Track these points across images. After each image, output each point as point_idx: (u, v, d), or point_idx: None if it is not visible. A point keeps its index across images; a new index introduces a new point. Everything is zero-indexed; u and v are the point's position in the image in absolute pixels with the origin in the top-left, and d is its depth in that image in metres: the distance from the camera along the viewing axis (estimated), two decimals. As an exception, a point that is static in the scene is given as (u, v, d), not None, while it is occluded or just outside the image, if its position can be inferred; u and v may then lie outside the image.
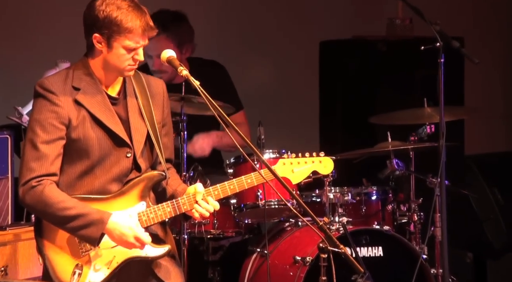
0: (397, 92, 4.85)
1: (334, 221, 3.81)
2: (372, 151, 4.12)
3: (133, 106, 2.82)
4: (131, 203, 2.79)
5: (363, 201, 4.03)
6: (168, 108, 2.90)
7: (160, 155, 2.81)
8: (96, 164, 2.78)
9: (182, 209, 2.80)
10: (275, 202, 3.78)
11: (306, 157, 3.01)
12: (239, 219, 3.95)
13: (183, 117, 3.87)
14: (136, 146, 2.79)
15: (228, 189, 2.85)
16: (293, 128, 5.15)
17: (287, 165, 3.00)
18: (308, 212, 2.62)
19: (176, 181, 2.89)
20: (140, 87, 2.92)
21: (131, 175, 2.80)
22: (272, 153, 3.83)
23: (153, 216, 2.78)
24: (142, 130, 2.81)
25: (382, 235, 3.76)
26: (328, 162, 3.00)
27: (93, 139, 2.78)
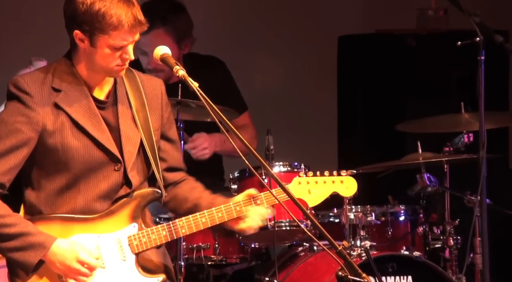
0: (429, 95, 4.82)
1: (355, 246, 3.81)
2: (399, 163, 4.10)
3: (124, 111, 2.81)
4: (121, 224, 2.79)
5: (389, 222, 4.02)
6: (168, 111, 2.89)
7: (155, 169, 2.81)
8: (78, 178, 2.77)
9: (180, 232, 2.79)
10: (286, 223, 3.78)
11: (325, 176, 2.99)
12: (245, 243, 3.96)
13: (180, 124, 3.86)
14: (127, 157, 2.78)
15: (233, 211, 2.84)
16: (307, 137, 5.15)
17: (303, 184, 2.98)
18: (325, 235, 2.61)
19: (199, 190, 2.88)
20: (134, 88, 2.89)
21: (121, 191, 2.80)
22: (283, 166, 3.81)
23: (146, 240, 2.78)
24: (134, 139, 2.80)
25: (411, 262, 3.76)
26: (351, 182, 2.99)
27: (73, 149, 2.77)
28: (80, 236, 2.76)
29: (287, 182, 3.62)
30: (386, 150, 4.68)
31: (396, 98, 4.88)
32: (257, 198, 2.85)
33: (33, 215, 2.81)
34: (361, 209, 3.94)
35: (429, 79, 4.86)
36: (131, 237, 2.78)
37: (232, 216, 2.82)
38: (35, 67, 3.63)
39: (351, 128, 5.03)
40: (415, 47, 4.87)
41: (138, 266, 2.81)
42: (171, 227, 2.79)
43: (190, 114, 3.94)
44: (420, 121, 4.19)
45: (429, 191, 4.00)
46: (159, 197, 2.82)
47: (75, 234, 2.77)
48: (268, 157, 3.80)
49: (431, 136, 4.15)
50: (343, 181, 2.95)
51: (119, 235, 2.79)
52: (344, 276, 2.59)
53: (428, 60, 4.86)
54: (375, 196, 4.10)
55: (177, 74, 2.74)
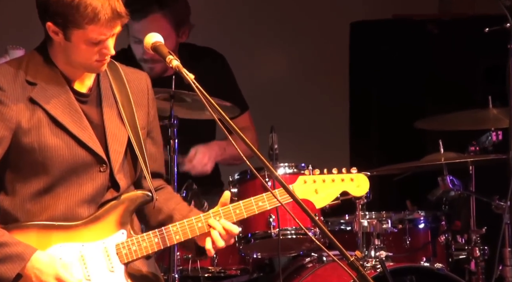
0: (453, 88, 4.79)
1: (369, 256, 3.81)
2: (419, 164, 4.08)
3: (109, 106, 2.80)
4: (107, 231, 2.78)
5: (407, 230, 4.01)
6: (155, 109, 2.90)
7: (144, 169, 2.79)
8: (58, 181, 2.75)
9: (174, 239, 2.78)
10: (292, 231, 3.77)
11: (333, 173, 2.98)
12: (246, 253, 3.95)
13: (173, 121, 3.82)
14: (114, 157, 2.77)
15: (233, 213, 2.82)
16: (315, 136, 5.14)
17: (309, 183, 2.95)
18: (335, 244, 2.58)
19: (175, 201, 2.88)
20: (118, 81, 2.87)
21: (107, 195, 2.79)
22: (288, 167, 3.80)
23: (136, 248, 2.77)
24: (121, 137, 2.80)
25: (433, 275, 3.76)
26: (362, 180, 2.97)
27: (52, 149, 2.76)
28: (62, 246, 2.75)
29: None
30: (403, 150, 4.67)
31: (415, 92, 4.88)
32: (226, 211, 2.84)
33: (7, 223, 2.78)
34: (376, 216, 3.91)
35: (452, 70, 4.83)
36: (120, 245, 2.77)
37: (232, 220, 2.82)
38: (11, 57, 3.61)
39: (365, 126, 5.02)
40: (437, 34, 4.86)
41: (128, 277, 2.79)
42: (164, 234, 2.77)
43: (185, 110, 3.92)
44: (442, 117, 4.18)
45: (452, 195, 3.98)
46: (150, 201, 2.80)
47: (55, 243, 2.76)
48: (272, 157, 3.79)
49: (454, 134, 4.14)
50: (354, 179, 2.92)
51: (105, 243, 2.77)
52: None
53: (451, 48, 4.84)
54: (392, 201, 4.14)
55: (171, 65, 2.71)
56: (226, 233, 2.79)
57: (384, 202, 3.93)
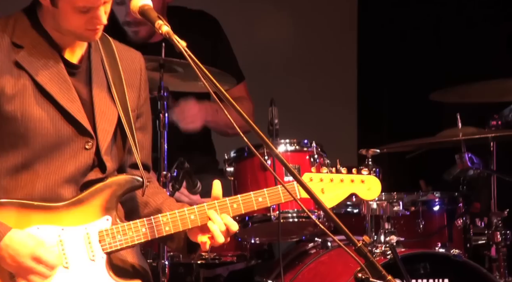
0: (472, 55, 4.76)
1: (378, 241, 3.80)
2: (433, 141, 4.05)
3: (99, 82, 2.80)
4: (91, 216, 2.77)
5: (420, 213, 3.98)
6: (147, 92, 2.90)
7: (136, 153, 2.79)
8: (38, 156, 2.76)
9: (163, 230, 2.77)
10: (293, 214, 3.75)
11: (342, 173, 2.98)
12: (243, 238, 3.93)
13: (164, 93, 3.79)
14: (102, 136, 2.77)
15: (229, 208, 2.81)
16: (320, 109, 5.13)
17: (315, 181, 2.95)
18: (341, 228, 2.58)
19: (163, 196, 2.88)
20: (110, 58, 2.86)
21: (91, 175, 2.78)
22: (289, 144, 3.78)
23: (121, 237, 2.76)
24: (110, 115, 2.79)
25: (449, 262, 3.72)
26: (374, 182, 2.99)
27: (35, 120, 2.74)
28: (40, 228, 2.73)
29: (295, 163, 3.57)
30: (417, 125, 4.65)
31: (430, 59, 4.84)
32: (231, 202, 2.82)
33: (-21, 199, 2.76)
34: (386, 197, 3.89)
35: (472, 35, 4.80)
36: (103, 232, 2.76)
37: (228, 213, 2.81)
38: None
39: (375, 97, 5.01)
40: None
41: (109, 268, 2.77)
42: (153, 223, 2.77)
43: (175, 81, 3.90)
44: (461, 88, 4.15)
45: (470, 174, 3.96)
46: (139, 186, 2.79)
47: (34, 224, 2.74)
48: (272, 133, 3.77)
49: (473, 107, 4.11)
50: (365, 181, 2.94)
51: (88, 229, 2.76)
52: (365, 278, 2.55)
53: (471, 11, 4.81)
54: (404, 181, 4.09)
55: (160, 31, 2.70)
56: (226, 229, 2.78)
57: (395, 182, 3.88)
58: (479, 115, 4.02)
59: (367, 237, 2.65)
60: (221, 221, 2.76)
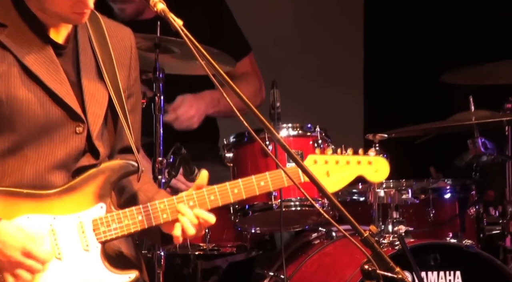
0: (485, 34, 4.74)
1: (386, 231, 3.78)
2: (444, 125, 4.04)
3: (87, 62, 2.78)
4: (84, 204, 2.76)
5: (431, 201, 3.98)
6: (137, 72, 2.88)
7: (130, 136, 2.77)
8: (26, 140, 2.71)
9: (161, 218, 2.76)
10: (296, 202, 3.73)
11: (348, 154, 2.96)
12: (243, 227, 3.92)
13: (159, 74, 3.77)
14: (92, 120, 2.75)
15: (230, 193, 2.81)
16: (324, 92, 5.11)
17: (320, 164, 2.92)
18: (347, 218, 2.55)
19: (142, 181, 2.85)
20: (99, 35, 2.83)
21: (83, 161, 2.76)
22: (292, 128, 3.77)
23: (116, 226, 2.75)
24: (101, 98, 2.78)
25: (461, 253, 3.71)
26: (382, 164, 2.96)
27: (21, 102, 2.69)
28: (31, 217, 2.71)
29: (297, 149, 3.54)
30: (427, 108, 4.64)
31: (440, 39, 4.83)
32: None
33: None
34: (394, 184, 3.89)
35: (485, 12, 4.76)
36: (97, 221, 2.75)
37: (229, 200, 2.79)
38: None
39: (382, 79, 4.99)
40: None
41: (104, 258, 2.76)
42: (149, 211, 2.75)
43: (172, 62, 3.86)
44: (473, 70, 4.13)
45: (484, 160, 3.95)
46: (135, 171, 2.77)
47: (22, 214, 2.72)
48: (273, 116, 3.76)
49: (487, 89, 4.10)
50: (372, 162, 2.92)
51: (81, 217, 2.75)
52: (372, 270, 2.52)
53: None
54: (413, 168, 4.13)
55: (155, 9, 2.66)
56: (198, 223, 2.76)
57: (404, 169, 3.85)
58: (493, 98, 4.00)
59: (374, 227, 2.62)
60: (191, 214, 2.75)
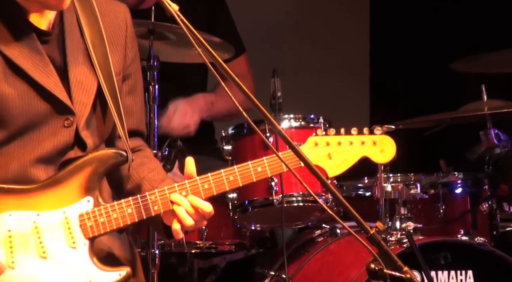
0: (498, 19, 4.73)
1: (393, 228, 3.79)
2: (455, 115, 4.03)
3: (75, 46, 2.75)
4: (70, 198, 2.74)
5: (441, 197, 3.99)
6: (134, 50, 2.85)
7: (118, 124, 2.75)
8: (13, 136, 2.71)
9: (152, 210, 2.74)
10: (298, 198, 3.73)
11: (352, 134, 2.90)
12: (242, 224, 3.93)
13: (154, 62, 3.78)
14: (79, 110, 2.73)
15: (225, 181, 2.77)
16: (328, 81, 5.11)
17: (321, 146, 2.87)
18: (352, 214, 2.52)
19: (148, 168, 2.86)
20: (88, 14, 2.79)
21: (70, 154, 2.75)
22: (294, 119, 3.77)
23: (104, 220, 2.73)
24: (89, 85, 2.76)
25: (473, 251, 3.70)
26: (388, 143, 2.90)
27: (7, 99, 2.68)
28: (13, 214, 2.69)
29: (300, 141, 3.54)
30: (437, 97, 4.64)
31: (451, 24, 4.82)
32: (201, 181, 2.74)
33: None
34: (402, 178, 3.90)
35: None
36: (84, 216, 2.73)
37: (224, 188, 2.76)
38: None
39: (389, 67, 4.98)
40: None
41: (93, 255, 2.74)
42: (140, 203, 2.73)
43: (167, 50, 3.86)
44: (486, 57, 4.12)
45: (497, 153, 3.93)
46: (124, 162, 2.75)
47: (5, 211, 2.70)
48: (274, 107, 3.76)
49: (500, 78, 4.10)
50: (377, 142, 2.87)
51: (67, 212, 2.72)
52: (378, 269, 2.50)
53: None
54: (422, 161, 4.17)
55: None
56: (195, 212, 2.73)
57: (413, 162, 3.91)
58: (507, 87, 4.02)
59: (381, 224, 2.60)
60: (187, 203, 2.72)
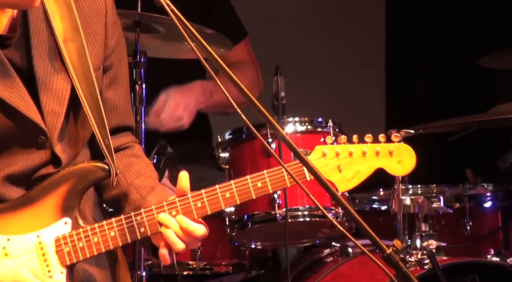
0: None
1: (413, 247, 3.76)
2: (483, 119, 3.99)
3: (42, 46, 2.70)
4: (44, 220, 2.73)
5: (467, 211, 3.97)
6: (116, 37, 2.82)
7: (98, 134, 2.72)
8: None
9: (138, 233, 2.73)
10: (304, 212, 3.72)
11: (366, 142, 2.86)
12: (240, 242, 3.90)
13: (141, 58, 3.76)
14: (50, 122, 2.71)
15: (221, 198, 2.75)
16: (337, 80, 5.09)
17: (330, 156, 2.82)
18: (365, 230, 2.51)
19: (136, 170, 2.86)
20: (60, 5, 2.73)
21: (42, 171, 2.72)
22: (300, 123, 3.75)
23: (83, 245, 2.71)
24: (61, 90, 2.72)
25: (504, 274, 3.73)
26: (406, 153, 2.85)
27: None
28: None
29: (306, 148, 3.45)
30: (462, 98, 4.61)
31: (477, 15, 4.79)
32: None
33: None
34: (423, 190, 3.91)
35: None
36: (61, 240, 2.70)
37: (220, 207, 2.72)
38: None
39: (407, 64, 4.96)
40: None
41: None
42: (124, 225, 2.71)
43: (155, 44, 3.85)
44: None
45: None
46: (107, 177, 2.73)
47: None
48: (277, 108, 3.73)
49: None
50: (394, 151, 2.83)
51: (41, 236, 2.70)
52: None
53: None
54: (445, 170, 4.13)
55: None
56: (185, 235, 2.68)
57: (435, 171, 3.93)
58: None
59: (399, 242, 2.58)
60: (176, 225, 2.67)
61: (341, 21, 5.18)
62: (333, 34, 5.17)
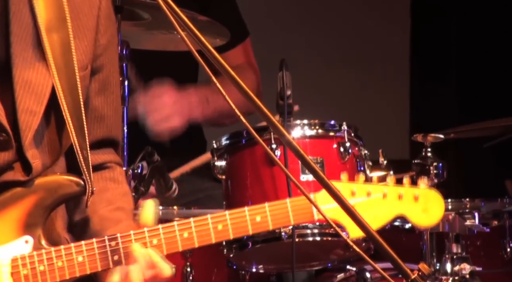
0: None
1: (443, 272, 3.79)
2: None
3: (23, 34, 2.76)
4: (2, 236, 2.76)
5: (507, 230, 3.96)
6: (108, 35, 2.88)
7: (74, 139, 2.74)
8: None
9: (110, 261, 2.76)
10: (314, 230, 3.71)
11: (387, 184, 2.89)
12: (239, 265, 3.88)
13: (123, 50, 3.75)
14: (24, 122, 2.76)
15: (212, 231, 2.78)
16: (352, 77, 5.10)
17: (344, 195, 2.80)
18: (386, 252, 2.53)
19: (108, 198, 2.90)
20: None
21: (8, 175, 2.76)
22: (308, 126, 3.74)
23: (45, 269, 2.75)
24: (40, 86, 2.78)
25: None
26: (434, 200, 2.92)
27: None
28: None
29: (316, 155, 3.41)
30: (499, 99, 4.62)
31: None
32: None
33: None
34: (454, 205, 3.87)
35: None
36: (18, 261, 2.73)
37: (210, 240, 2.75)
38: None
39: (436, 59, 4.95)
40: None
41: None
42: (95, 250, 2.74)
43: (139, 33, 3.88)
44: None
45: None
46: (80, 194, 2.76)
47: None
48: (283, 109, 3.72)
49: None
50: (419, 197, 2.91)
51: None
52: None
53: None
54: (481, 181, 4.06)
55: None
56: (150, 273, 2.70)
57: (468, 183, 3.91)
58: None
59: (425, 266, 2.60)
60: (148, 260, 2.69)
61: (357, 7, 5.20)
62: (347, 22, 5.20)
